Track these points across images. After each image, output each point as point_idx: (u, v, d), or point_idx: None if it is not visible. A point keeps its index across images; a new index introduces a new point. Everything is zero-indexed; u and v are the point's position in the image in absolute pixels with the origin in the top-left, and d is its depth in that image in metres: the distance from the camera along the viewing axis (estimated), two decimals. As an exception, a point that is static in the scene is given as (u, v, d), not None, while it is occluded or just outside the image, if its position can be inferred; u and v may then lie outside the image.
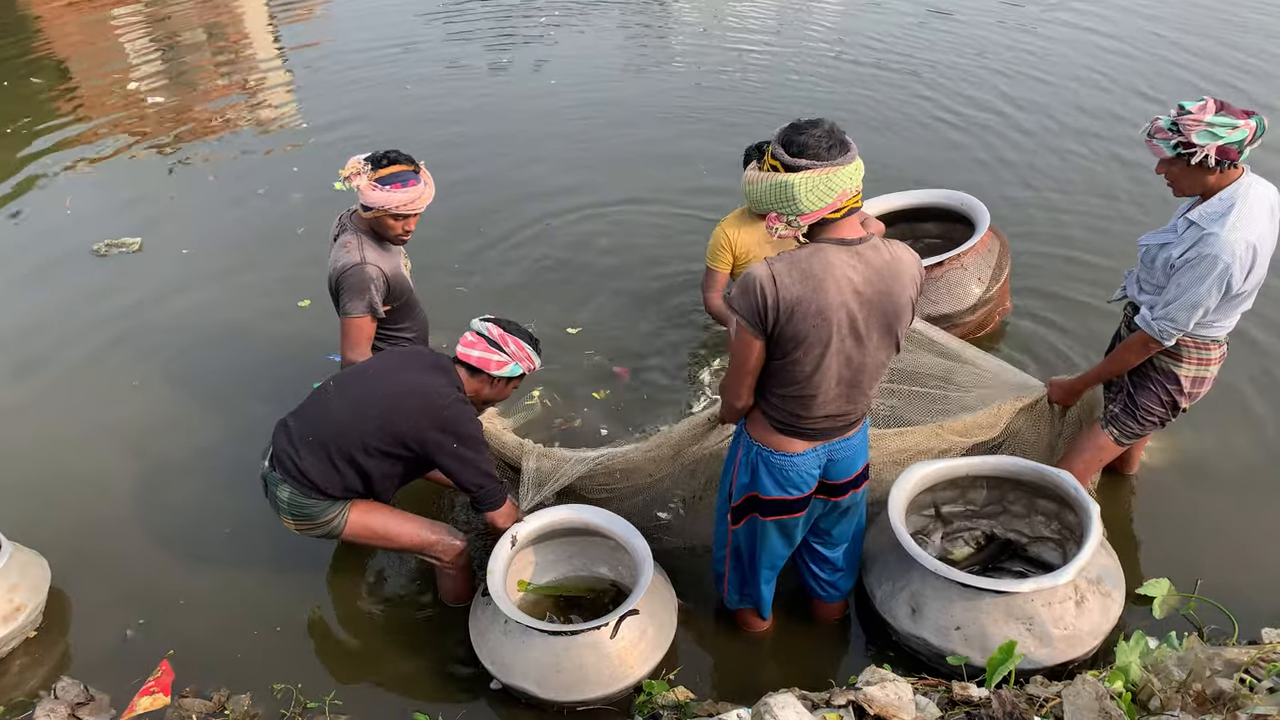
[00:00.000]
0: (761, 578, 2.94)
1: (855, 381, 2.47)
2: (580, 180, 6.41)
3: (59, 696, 2.96)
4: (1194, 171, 2.75)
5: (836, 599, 3.12)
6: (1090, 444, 3.22)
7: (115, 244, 5.88)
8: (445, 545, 3.14)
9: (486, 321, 3.07)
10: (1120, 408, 3.15)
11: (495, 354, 3.00)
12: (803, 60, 8.47)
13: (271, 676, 3.11)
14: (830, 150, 2.23)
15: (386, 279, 3.23)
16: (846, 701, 2.53)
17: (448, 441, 2.87)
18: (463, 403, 2.94)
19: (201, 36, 10.48)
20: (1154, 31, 8.64)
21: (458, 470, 2.92)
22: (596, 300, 5.12)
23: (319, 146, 7.19)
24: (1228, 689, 2.37)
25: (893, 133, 6.91)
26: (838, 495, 2.73)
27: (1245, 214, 2.70)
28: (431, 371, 2.98)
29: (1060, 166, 6.23)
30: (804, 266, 2.28)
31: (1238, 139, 2.65)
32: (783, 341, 2.34)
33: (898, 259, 2.37)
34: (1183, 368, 3.00)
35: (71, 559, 3.56)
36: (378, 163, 3.14)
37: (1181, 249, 2.80)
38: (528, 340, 3.09)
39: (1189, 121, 2.67)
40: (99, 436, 4.30)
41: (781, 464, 2.59)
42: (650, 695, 2.84)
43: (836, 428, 2.57)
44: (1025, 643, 2.71)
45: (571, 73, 8.49)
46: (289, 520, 3.02)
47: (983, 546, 3.34)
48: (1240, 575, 3.29)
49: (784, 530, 2.76)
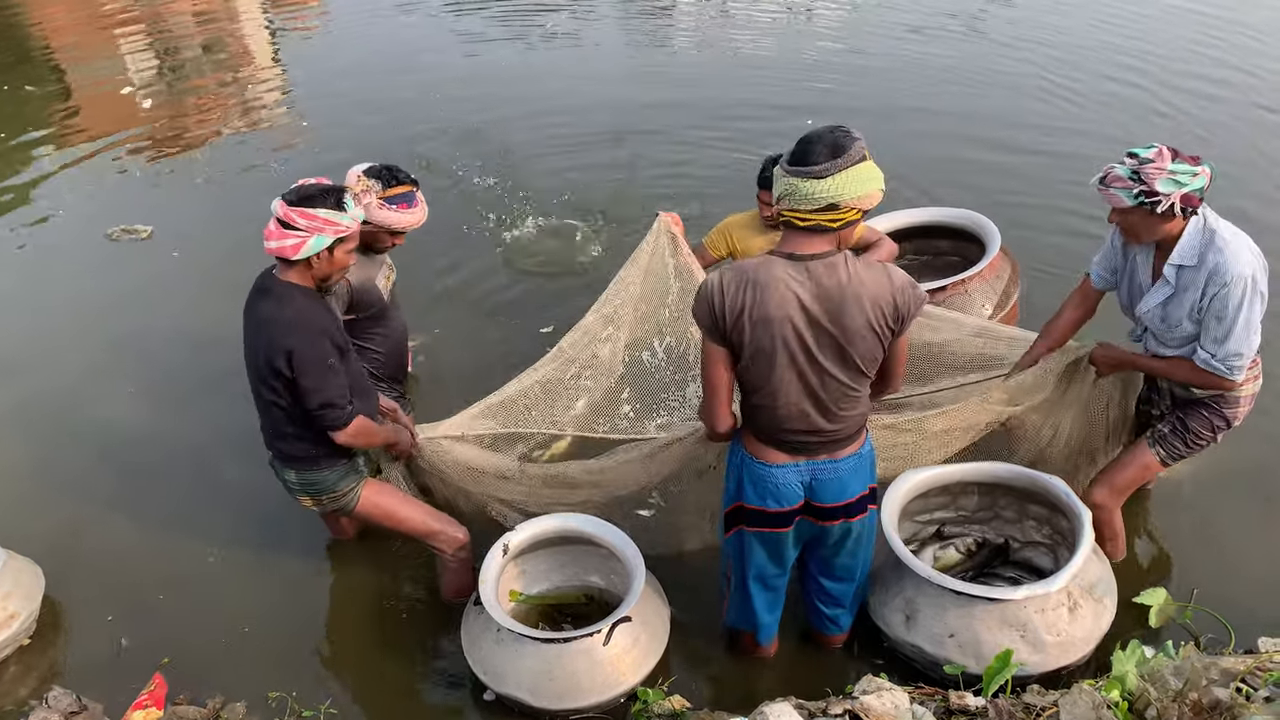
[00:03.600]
0: (754, 599, 2.85)
1: (818, 401, 2.44)
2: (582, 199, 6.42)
3: (51, 705, 2.94)
4: (1155, 219, 2.71)
5: (835, 633, 3.06)
6: (1136, 461, 3.14)
7: (129, 229, 6.05)
8: (448, 536, 3.18)
9: (279, 199, 2.76)
10: (1169, 429, 3.08)
11: (290, 236, 2.71)
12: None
13: (266, 684, 3.10)
14: (794, 156, 2.30)
15: (350, 287, 3.23)
16: (843, 711, 2.52)
17: (285, 368, 2.76)
18: (291, 324, 2.75)
19: (198, 44, 10.50)
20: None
21: (300, 393, 2.81)
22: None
23: (312, 149, 7.22)
24: (1224, 698, 2.36)
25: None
26: (826, 519, 2.63)
27: (1227, 231, 2.72)
28: (261, 299, 2.83)
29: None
30: (750, 276, 2.34)
31: (1199, 185, 2.65)
32: (737, 347, 2.41)
33: (858, 281, 2.30)
34: (1244, 388, 2.95)
35: (66, 567, 3.55)
36: (385, 181, 3.15)
37: (1198, 293, 2.75)
38: (323, 203, 2.72)
39: (1151, 170, 2.63)
40: (93, 442, 4.30)
41: (761, 473, 2.57)
42: (646, 704, 2.83)
43: (814, 444, 2.52)
44: (1019, 649, 2.70)
45: (574, 90, 8.46)
46: (305, 499, 3.09)
47: (974, 552, 3.34)
48: (1237, 585, 3.28)
49: (768, 546, 2.70)
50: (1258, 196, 5.71)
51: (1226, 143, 6.55)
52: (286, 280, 2.82)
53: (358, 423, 2.90)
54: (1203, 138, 6.62)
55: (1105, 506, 3.14)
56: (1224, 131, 6.76)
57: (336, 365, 2.83)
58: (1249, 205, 5.43)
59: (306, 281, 2.86)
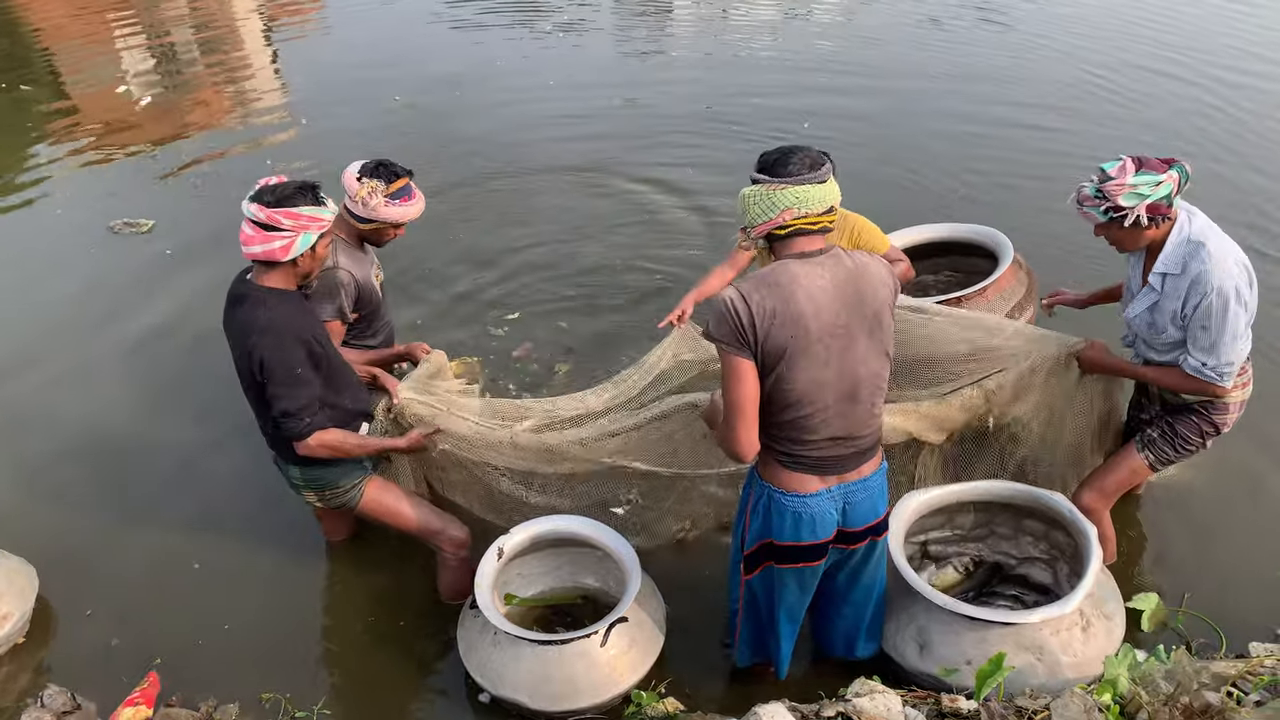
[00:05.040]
0: (782, 633, 2.77)
1: (853, 394, 2.41)
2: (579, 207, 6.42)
3: (45, 705, 2.94)
4: (1132, 231, 2.78)
5: (849, 657, 2.97)
6: (1124, 465, 3.16)
7: (132, 223, 6.06)
8: (449, 535, 3.20)
9: (250, 204, 2.70)
10: (1159, 433, 3.11)
11: (276, 238, 2.69)
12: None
13: (259, 686, 3.10)
14: (787, 169, 2.31)
15: (357, 284, 3.25)
16: (836, 713, 2.53)
17: (258, 372, 2.77)
18: (264, 329, 2.73)
19: (194, 43, 10.48)
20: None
21: (269, 399, 2.81)
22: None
23: (309, 146, 7.22)
24: (1215, 702, 2.37)
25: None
26: (855, 543, 2.58)
27: (1214, 239, 2.75)
28: (239, 305, 2.81)
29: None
30: (769, 280, 2.32)
31: (1164, 194, 2.69)
32: (767, 358, 2.32)
33: (863, 264, 2.41)
34: (1232, 395, 2.97)
35: (58, 566, 3.54)
36: (386, 178, 3.17)
37: (1179, 300, 2.79)
38: (304, 200, 2.71)
39: (1112, 187, 2.71)
40: (87, 442, 4.29)
41: (793, 505, 2.47)
42: (640, 706, 2.83)
43: (845, 455, 2.47)
44: (1036, 672, 2.67)
45: (572, 94, 8.50)
46: (310, 494, 3.10)
47: (972, 571, 3.32)
48: (1228, 589, 3.30)
49: (801, 580, 2.63)
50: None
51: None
52: (264, 285, 2.81)
53: (324, 435, 2.86)
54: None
55: (1093, 510, 3.16)
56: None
57: (305, 374, 2.81)
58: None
59: (289, 284, 2.85)
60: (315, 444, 2.86)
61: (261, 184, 2.77)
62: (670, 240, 5.83)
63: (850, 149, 6.65)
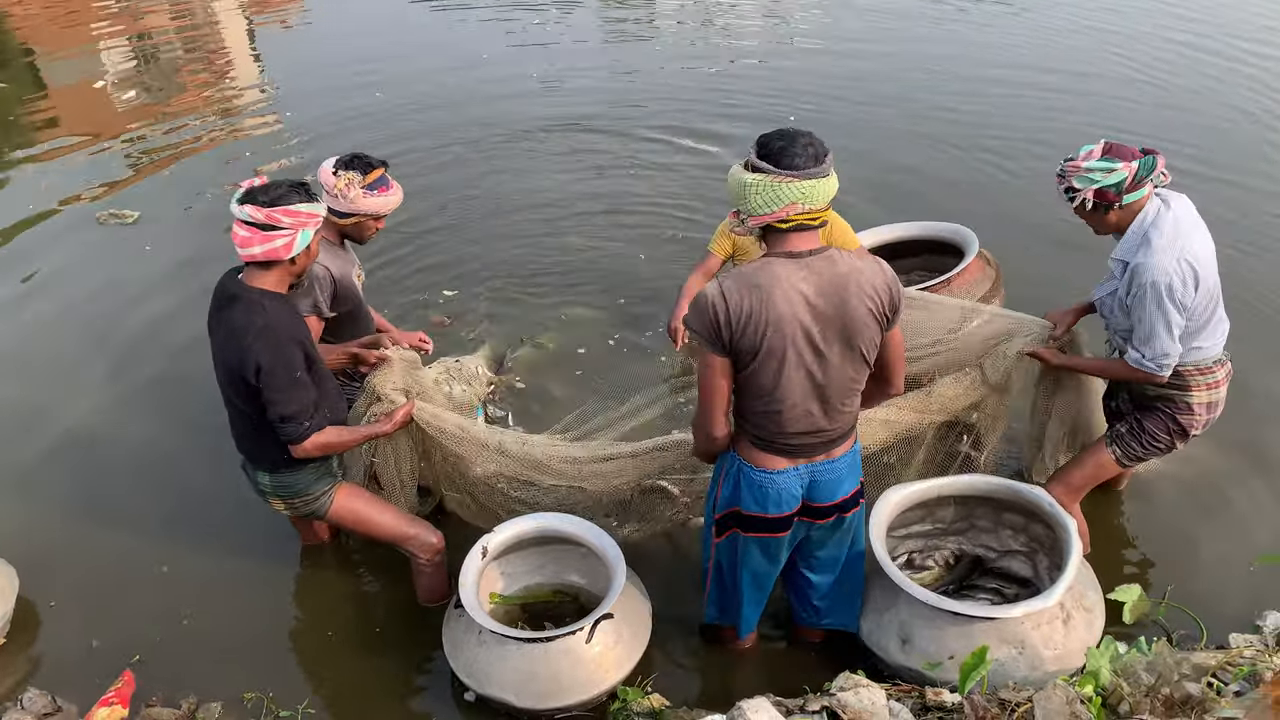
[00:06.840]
0: (744, 596, 2.87)
1: (824, 397, 2.45)
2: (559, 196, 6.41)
3: (26, 707, 2.92)
4: (1095, 215, 2.88)
5: (815, 625, 3.04)
6: (1091, 459, 3.20)
7: (117, 214, 6.09)
8: (421, 541, 3.17)
9: (244, 205, 2.68)
10: (1126, 429, 3.14)
11: (278, 237, 2.68)
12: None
13: (242, 685, 3.08)
14: (794, 161, 2.28)
15: (334, 280, 3.22)
16: (820, 707, 2.54)
17: (253, 378, 2.73)
18: (262, 333, 2.70)
19: (175, 40, 10.40)
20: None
21: (264, 404, 2.78)
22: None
23: (290, 142, 7.18)
24: (1196, 693, 2.40)
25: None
26: (821, 518, 2.67)
27: (1167, 234, 2.77)
28: (230, 306, 2.76)
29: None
30: (752, 280, 2.32)
31: (1114, 181, 2.76)
32: (741, 355, 2.37)
33: (855, 270, 2.37)
34: (1193, 395, 3.00)
35: (39, 568, 3.51)
36: (361, 170, 3.15)
37: (1125, 288, 2.86)
38: (298, 197, 2.71)
39: (1070, 168, 2.84)
40: (67, 442, 4.25)
41: (760, 480, 2.56)
42: (626, 703, 2.83)
43: (815, 444, 2.53)
44: (1018, 665, 2.70)
45: (563, 105, 8.47)
46: (277, 502, 3.07)
47: (953, 565, 3.34)
48: (1209, 582, 3.32)
49: (766, 550, 2.72)
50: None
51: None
52: (256, 286, 2.78)
53: (319, 436, 2.84)
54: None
55: (1060, 504, 3.18)
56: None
57: (303, 378, 2.79)
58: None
59: (281, 285, 2.82)
60: (311, 446, 2.85)
61: (246, 185, 2.75)
62: (650, 231, 5.85)
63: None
